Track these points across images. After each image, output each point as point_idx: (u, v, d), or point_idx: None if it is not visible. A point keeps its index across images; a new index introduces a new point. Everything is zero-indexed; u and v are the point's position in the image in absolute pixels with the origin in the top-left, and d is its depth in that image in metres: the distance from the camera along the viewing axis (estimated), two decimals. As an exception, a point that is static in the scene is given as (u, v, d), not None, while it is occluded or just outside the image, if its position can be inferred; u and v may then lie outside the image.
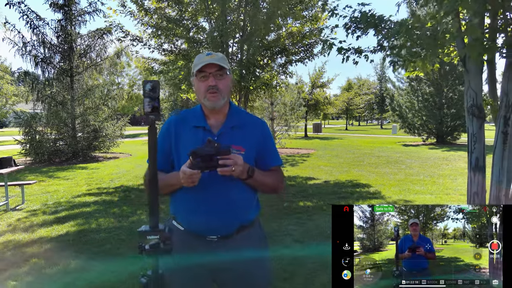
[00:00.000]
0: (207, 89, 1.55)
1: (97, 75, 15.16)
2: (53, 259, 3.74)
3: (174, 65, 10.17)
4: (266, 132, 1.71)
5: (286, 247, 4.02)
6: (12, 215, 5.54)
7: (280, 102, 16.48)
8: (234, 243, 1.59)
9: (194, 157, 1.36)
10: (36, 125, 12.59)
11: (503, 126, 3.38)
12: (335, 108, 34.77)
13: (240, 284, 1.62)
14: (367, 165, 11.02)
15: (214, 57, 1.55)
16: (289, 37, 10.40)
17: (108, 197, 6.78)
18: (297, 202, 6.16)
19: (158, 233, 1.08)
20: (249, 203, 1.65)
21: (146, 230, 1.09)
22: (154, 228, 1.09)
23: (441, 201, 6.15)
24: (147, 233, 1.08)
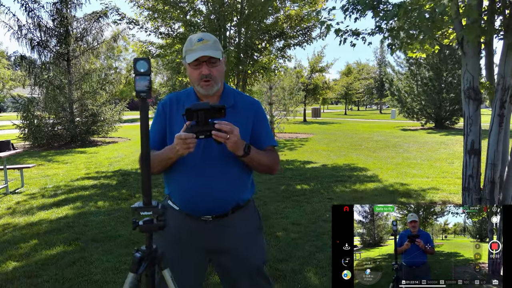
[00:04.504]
0: (201, 77, 1.52)
1: (94, 59, 15.03)
2: (52, 241, 3.79)
3: (171, 48, 10.08)
4: (261, 112, 1.70)
5: (283, 229, 4.07)
6: (11, 198, 5.58)
7: (279, 87, 16.40)
8: (229, 222, 1.60)
9: (189, 114, 1.30)
10: (34, 110, 12.55)
11: (499, 109, 3.39)
12: (334, 93, 34.61)
13: (235, 263, 1.64)
14: (365, 149, 11.05)
15: (206, 43, 1.51)
16: (287, 20, 10.29)
17: (107, 180, 6.82)
18: (294, 186, 6.20)
19: (151, 209, 1.10)
20: (244, 182, 1.65)
21: (140, 206, 1.11)
22: (147, 205, 1.10)
23: (437, 184, 6.21)
24: (141, 209, 1.10)
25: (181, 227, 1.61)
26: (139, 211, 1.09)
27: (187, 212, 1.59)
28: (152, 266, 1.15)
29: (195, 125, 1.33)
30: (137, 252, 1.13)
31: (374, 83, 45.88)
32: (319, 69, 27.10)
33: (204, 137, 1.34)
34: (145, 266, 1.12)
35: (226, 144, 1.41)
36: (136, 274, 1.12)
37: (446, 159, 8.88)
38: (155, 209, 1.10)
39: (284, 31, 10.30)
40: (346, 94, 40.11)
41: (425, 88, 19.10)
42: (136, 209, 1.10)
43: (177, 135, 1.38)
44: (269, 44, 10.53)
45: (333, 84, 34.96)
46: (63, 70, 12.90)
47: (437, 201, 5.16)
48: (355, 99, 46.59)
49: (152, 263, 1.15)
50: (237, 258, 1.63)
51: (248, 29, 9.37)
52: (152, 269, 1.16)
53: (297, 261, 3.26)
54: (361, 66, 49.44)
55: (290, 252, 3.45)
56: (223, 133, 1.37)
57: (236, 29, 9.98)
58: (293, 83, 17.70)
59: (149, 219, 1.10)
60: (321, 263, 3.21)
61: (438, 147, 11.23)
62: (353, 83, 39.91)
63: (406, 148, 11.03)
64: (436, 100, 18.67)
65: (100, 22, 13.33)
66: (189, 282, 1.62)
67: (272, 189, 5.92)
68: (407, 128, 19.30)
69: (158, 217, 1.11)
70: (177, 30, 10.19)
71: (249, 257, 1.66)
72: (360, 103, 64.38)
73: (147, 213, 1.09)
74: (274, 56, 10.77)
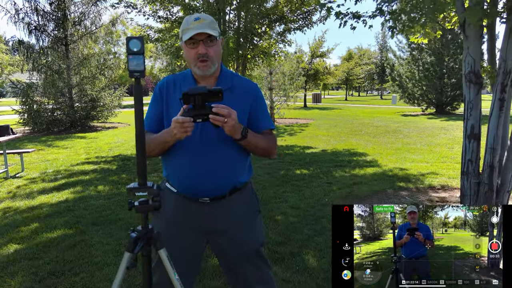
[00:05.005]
0: (197, 57, 1.50)
1: (92, 44, 14.89)
2: (53, 224, 3.82)
3: (170, 32, 9.96)
4: (258, 95, 1.68)
5: (282, 213, 4.09)
6: (12, 183, 5.61)
7: (279, 72, 16.27)
8: (226, 205, 1.61)
9: (186, 98, 1.30)
10: (33, 95, 12.51)
11: (500, 93, 3.36)
12: (335, 78, 34.38)
13: (232, 245, 1.64)
14: (365, 134, 11.04)
15: (202, 22, 1.48)
16: (287, 3, 10.14)
17: (107, 165, 6.83)
18: (294, 170, 6.22)
19: (147, 189, 1.10)
20: (242, 165, 1.64)
21: (135, 187, 1.11)
22: (142, 185, 1.10)
23: (436, 169, 6.22)
24: (136, 190, 1.10)
25: (179, 209, 1.62)
26: (135, 192, 1.09)
27: (185, 194, 1.60)
28: (148, 246, 1.16)
29: (192, 109, 1.33)
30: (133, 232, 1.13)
31: (375, 69, 45.50)
32: (320, 54, 26.88)
33: (201, 120, 1.34)
34: (141, 246, 1.13)
35: (223, 127, 1.40)
36: (132, 253, 1.13)
37: (446, 144, 8.88)
38: (151, 190, 1.10)
39: (284, 15, 10.15)
40: (347, 79, 39.83)
41: (426, 73, 18.96)
42: (131, 189, 1.10)
43: (174, 118, 1.38)
44: (269, 28, 10.40)
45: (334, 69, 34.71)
46: (62, 55, 12.79)
47: (436, 186, 5.17)
48: (356, 85, 46.28)
49: (148, 243, 1.16)
50: (235, 240, 1.64)
51: (248, 13, 9.24)
52: (148, 249, 1.16)
53: (296, 244, 3.29)
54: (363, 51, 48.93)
55: (289, 236, 3.48)
56: (220, 116, 1.36)
57: (236, 13, 9.84)
58: (293, 68, 17.56)
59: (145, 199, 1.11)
60: (319, 245, 3.24)
61: (438, 133, 11.22)
62: (354, 69, 39.59)
63: (406, 134, 11.01)
64: (437, 86, 18.56)
65: (98, 6, 13.17)
66: (186, 262, 1.64)
67: (272, 174, 5.94)
68: (408, 114, 19.25)
69: (154, 197, 1.11)
70: (176, 14, 10.04)
71: (247, 239, 1.66)
72: (361, 89, 64.00)
73: (143, 193, 1.09)
74: (274, 40, 10.65)
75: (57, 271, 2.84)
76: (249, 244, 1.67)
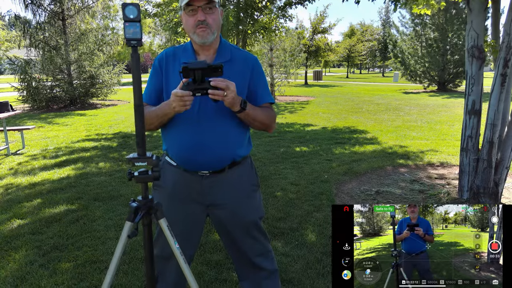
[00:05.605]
0: (196, 24, 1.49)
1: (90, 19, 14.62)
2: (55, 200, 3.86)
3: (168, 7, 9.77)
4: (258, 68, 1.66)
5: (282, 189, 4.13)
6: (13, 159, 5.63)
7: (280, 48, 16.06)
8: (225, 178, 1.62)
9: (186, 72, 1.30)
10: (32, 72, 12.39)
11: (502, 68, 3.32)
12: (336, 55, 33.95)
13: (231, 218, 1.67)
14: (365, 112, 11.00)
15: None
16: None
17: (107, 142, 6.85)
18: (293, 148, 6.23)
19: (146, 160, 1.10)
20: (241, 138, 1.64)
21: (134, 157, 1.11)
22: (142, 155, 1.11)
23: (436, 146, 6.22)
24: (135, 160, 1.10)
25: (179, 182, 1.63)
26: (134, 162, 1.10)
27: (184, 167, 1.61)
28: (148, 215, 1.18)
29: (191, 82, 1.33)
30: (133, 202, 1.14)
31: (377, 45, 44.83)
32: (322, 30, 26.43)
33: (200, 94, 1.35)
34: (142, 215, 1.15)
35: (223, 100, 1.40)
36: (132, 222, 1.14)
37: (446, 122, 8.86)
38: (150, 160, 1.11)
39: (286, -12, 9.95)
40: (348, 56, 39.34)
41: (429, 49, 18.70)
42: (131, 159, 1.10)
43: (173, 91, 1.38)
44: (270, 2, 10.19)
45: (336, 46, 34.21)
46: (59, 30, 12.59)
47: (435, 163, 5.19)
48: (358, 62, 45.77)
49: (148, 212, 1.17)
50: (234, 213, 1.66)
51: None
52: (148, 218, 1.18)
53: (295, 219, 3.33)
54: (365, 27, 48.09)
55: (288, 211, 3.52)
56: (219, 90, 1.36)
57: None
58: (294, 44, 17.32)
59: (144, 170, 1.11)
60: (318, 221, 3.28)
61: (439, 110, 11.17)
62: (356, 45, 39.03)
63: (407, 111, 10.97)
64: (440, 62, 18.35)
65: (94, -21, 12.86)
66: (186, 235, 1.66)
67: (272, 151, 5.95)
68: (409, 91, 19.11)
69: (153, 168, 1.12)
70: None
71: (246, 212, 1.68)
72: (363, 66, 63.30)
73: (142, 163, 1.10)
74: (275, 15, 10.46)
75: (60, 245, 2.89)
76: (248, 216, 1.69)
